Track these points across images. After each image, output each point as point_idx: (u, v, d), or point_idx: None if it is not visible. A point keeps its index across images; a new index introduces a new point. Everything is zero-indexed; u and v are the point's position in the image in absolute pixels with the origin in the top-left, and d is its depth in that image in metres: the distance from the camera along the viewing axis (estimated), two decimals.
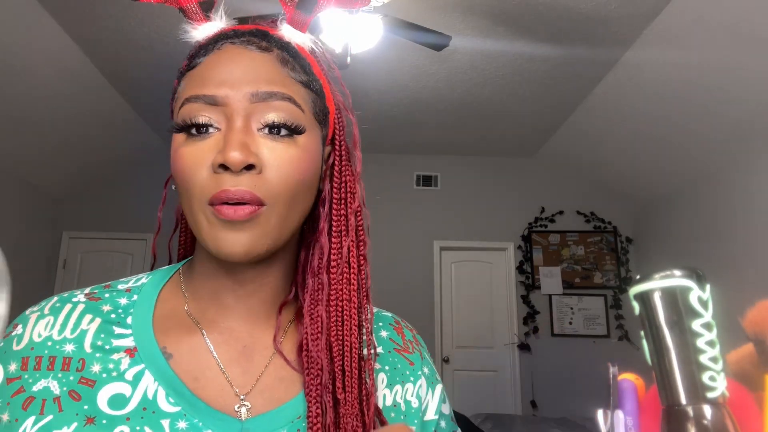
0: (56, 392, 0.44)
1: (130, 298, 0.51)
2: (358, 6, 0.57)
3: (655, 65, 3.38)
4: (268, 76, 0.47)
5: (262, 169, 0.45)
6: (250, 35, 0.49)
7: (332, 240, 0.52)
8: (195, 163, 0.45)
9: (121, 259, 4.98)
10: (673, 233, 4.48)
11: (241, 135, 0.44)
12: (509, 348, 4.97)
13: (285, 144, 0.46)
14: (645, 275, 0.34)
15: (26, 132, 4.00)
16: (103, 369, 0.46)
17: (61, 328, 0.48)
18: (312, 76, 0.51)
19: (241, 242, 0.44)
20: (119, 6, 3.11)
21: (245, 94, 0.45)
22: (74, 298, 0.50)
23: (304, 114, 0.48)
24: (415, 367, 0.57)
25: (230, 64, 0.47)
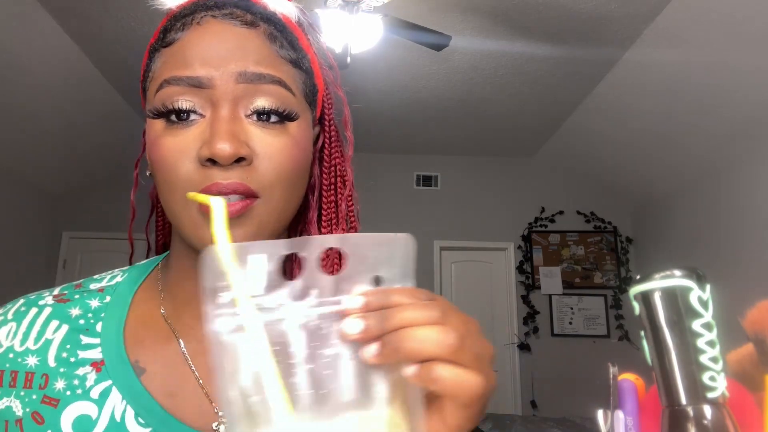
0: (18, 414, 0.40)
1: (102, 300, 0.47)
2: None
3: (655, 65, 3.38)
4: (256, 55, 0.42)
5: (253, 160, 0.41)
6: (234, 6, 0.43)
7: (322, 230, 0.48)
8: (178, 155, 0.40)
9: (121, 259, 4.96)
10: (673, 233, 4.47)
11: (229, 124, 0.40)
12: (509, 348, 4.97)
13: (276, 131, 0.42)
14: (645, 275, 0.34)
15: (26, 132, 4.00)
16: (67, 386, 0.41)
17: (23, 337, 0.43)
18: (301, 52, 0.46)
19: (237, 238, 0.39)
20: (119, 6, 3.11)
21: (231, 74, 0.41)
22: (41, 300, 0.46)
23: (295, 98, 0.44)
24: None
25: (214, 40, 0.41)
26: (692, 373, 0.32)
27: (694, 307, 0.33)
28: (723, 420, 0.31)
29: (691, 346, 0.32)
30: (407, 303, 0.31)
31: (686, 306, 0.33)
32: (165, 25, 0.44)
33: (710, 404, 0.32)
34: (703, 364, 0.32)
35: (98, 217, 5.07)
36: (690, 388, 0.32)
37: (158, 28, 0.45)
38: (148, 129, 0.43)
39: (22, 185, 4.53)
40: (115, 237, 5.04)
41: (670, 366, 0.33)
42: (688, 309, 0.33)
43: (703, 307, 0.33)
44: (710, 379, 0.32)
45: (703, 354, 0.32)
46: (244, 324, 0.29)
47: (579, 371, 4.70)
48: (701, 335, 0.32)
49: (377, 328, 0.30)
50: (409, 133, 4.90)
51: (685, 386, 0.32)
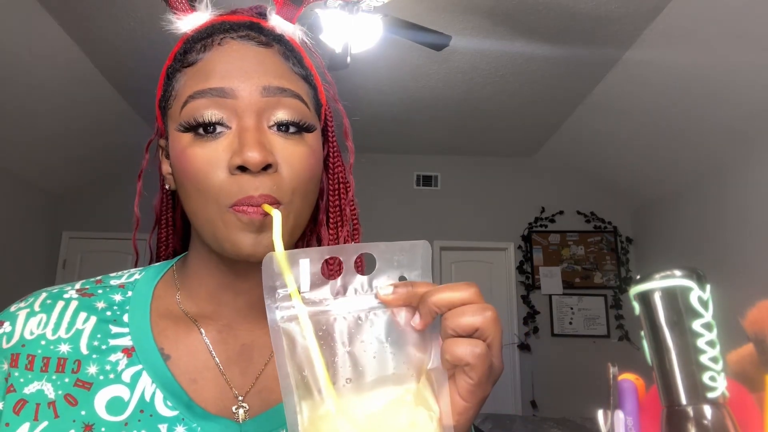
0: (51, 396, 0.42)
1: (125, 295, 0.50)
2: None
3: (656, 65, 3.38)
4: (276, 71, 0.46)
5: (278, 169, 0.44)
6: (248, 29, 0.47)
7: (330, 232, 0.52)
8: (209, 165, 0.43)
9: (121, 259, 4.98)
10: (673, 233, 4.48)
11: (256, 133, 0.43)
12: (509, 348, 4.97)
13: (295, 141, 0.45)
14: (645, 275, 0.34)
15: (26, 132, 4.00)
16: (100, 371, 0.44)
17: (55, 326, 0.46)
18: (307, 69, 0.50)
19: (263, 243, 0.43)
20: (119, 6, 3.11)
21: (257, 87, 0.44)
22: (65, 294, 0.48)
23: (310, 111, 0.48)
24: None
25: (236, 57, 0.45)
26: (692, 373, 0.32)
27: (694, 307, 0.33)
28: (723, 420, 0.31)
29: (691, 346, 0.32)
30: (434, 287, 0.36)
31: (686, 306, 0.33)
32: (183, 48, 0.48)
33: (710, 404, 0.32)
34: (703, 364, 0.32)
35: (98, 217, 5.07)
36: (690, 388, 0.32)
37: (174, 51, 0.49)
38: (174, 142, 0.46)
39: (22, 185, 4.53)
40: (115, 237, 5.05)
41: (670, 366, 0.33)
42: (688, 309, 0.33)
43: (703, 307, 0.33)
44: (710, 379, 0.32)
45: (703, 354, 0.32)
46: (297, 314, 0.35)
47: (579, 371, 4.70)
48: (701, 335, 0.32)
49: (406, 291, 0.36)
50: (409, 133, 4.90)
51: (685, 386, 0.32)
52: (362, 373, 0.35)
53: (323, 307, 0.36)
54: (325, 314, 0.36)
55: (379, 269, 0.37)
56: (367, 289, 0.37)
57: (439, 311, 0.35)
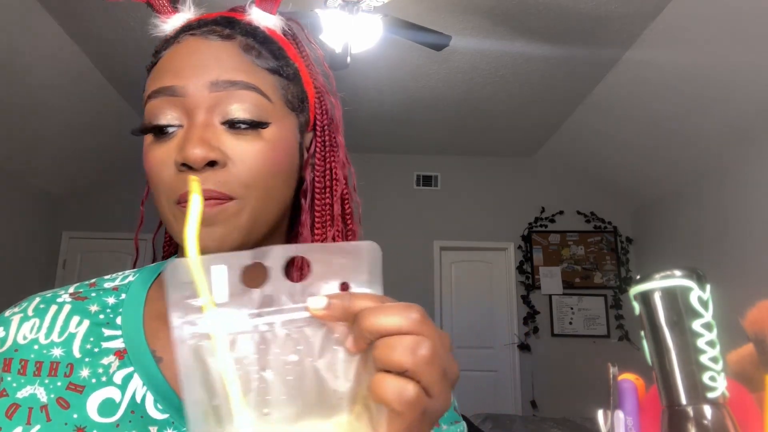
0: (43, 400, 0.43)
1: (118, 297, 0.50)
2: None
3: (656, 65, 3.38)
4: (229, 63, 0.44)
5: (227, 164, 0.43)
6: (214, 24, 0.47)
7: (315, 232, 0.49)
8: (160, 163, 0.44)
9: (121, 259, 4.98)
10: (673, 233, 4.48)
11: (201, 130, 0.43)
12: (509, 348, 4.97)
13: (249, 137, 0.44)
14: (645, 275, 0.34)
15: (26, 132, 4.00)
16: (92, 374, 0.44)
17: (48, 331, 0.46)
18: (284, 60, 0.48)
19: (212, 237, 0.43)
20: (119, 6, 3.11)
21: (204, 83, 0.43)
22: (59, 298, 0.48)
23: (272, 104, 0.46)
24: None
25: (188, 54, 0.45)
26: (692, 373, 0.32)
27: (694, 307, 0.33)
28: (723, 420, 0.31)
29: (691, 346, 0.32)
30: (373, 306, 0.31)
31: (686, 306, 0.33)
32: (156, 48, 0.48)
33: (710, 404, 0.32)
34: (703, 364, 0.32)
35: (98, 217, 5.07)
36: (690, 388, 0.32)
37: (152, 53, 0.49)
38: (144, 142, 0.47)
39: (22, 185, 4.53)
40: (115, 237, 5.05)
41: (670, 366, 0.33)
42: (688, 309, 0.33)
43: (703, 307, 0.33)
44: (710, 379, 0.32)
45: (703, 354, 0.32)
46: (209, 331, 0.30)
47: (579, 371, 4.70)
48: (701, 335, 0.32)
49: (341, 305, 0.30)
50: (409, 133, 4.90)
51: (685, 386, 0.32)
52: (285, 402, 0.30)
53: (242, 322, 0.30)
54: (245, 331, 0.30)
55: (316, 275, 0.32)
56: (299, 300, 0.31)
57: (370, 337, 0.30)
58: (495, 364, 4.95)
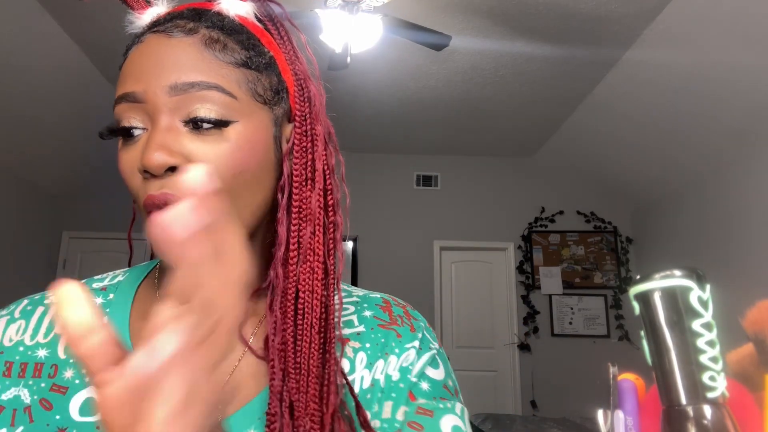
0: (27, 401, 0.43)
1: (106, 297, 0.49)
2: None
3: (655, 65, 3.38)
4: (188, 63, 0.42)
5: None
6: (179, 18, 0.45)
7: (292, 228, 0.46)
8: (129, 169, 0.43)
9: (120, 259, 4.98)
10: (673, 233, 4.48)
11: (161, 136, 0.41)
12: (509, 348, 4.97)
13: (213, 138, 0.42)
14: (645, 275, 0.34)
15: (26, 131, 4.01)
16: (75, 375, 0.44)
17: (33, 332, 0.46)
18: (255, 50, 0.46)
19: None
20: (119, 6, 3.10)
21: (163, 88, 0.42)
22: (46, 299, 0.48)
23: (237, 100, 0.43)
24: (403, 339, 0.52)
25: (148, 55, 0.43)
26: (692, 373, 0.32)
27: (694, 307, 0.33)
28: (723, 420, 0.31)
29: (691, 346, 0.32)
30: None
31: (686, 306, 0.33)
32: (127, 46, 0.47)
33: (710, 404, 0.32)
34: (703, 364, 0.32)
35: (98, 217, 5.07)
36: (690, 388, 0.32)
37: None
38: None
39: (22, 185, 4.53)
40: (115, 237, 5.05)
41: (670, 366, 0.33)
42: (688, 309, 0.33)
43: (703, 307, 0.33)
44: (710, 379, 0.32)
45: (703, 354, 0.32)
46: None
47: (579, 371, 4.70)
48: (701, 335, 0.32)
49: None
50: (409, 133, 4.90)
51: (685, 386, 0.32)
52: None
53: None
54: None
55: None
56: None
57: None
58: (495, 364, 4.95)
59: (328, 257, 0.46)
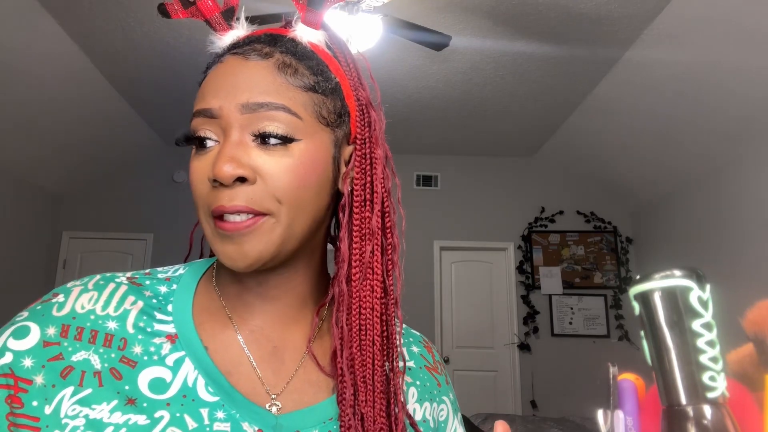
0: (97, 367, 0.45)
1: (170, 287, 0.52)
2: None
3: (656, 65, 3.38)
4: (260, 85, 0.46)
5: (257, 181, 0.45)
6: (256, 42, 0.49)
7: (353, 246, 0.50)
8: (198, 177, 0.47)
9: (121, 259, 4.98)
10: (673, 233, 4.48)
11: (232, 148, 0.45)
12: (509, 348, 4.97)
13: (278, 153, 0.46)
14: (645, 275, 0.34)
15: (26, 132, 4.01)
16: (144, 351, 0.46)
17: (105, 304, 0.48)
18: (323, 75, 0.50)
19: (242, 254, 0.45)
20: (119, 6, 3.11)
21: (236, 106, 0.45)
22: (117, 278, 0.51)
23: (302, 121, 0.47)
24: (441, 390, 0.58)
25: (225, 75, 0.47)
26: (692, 373, 0.32)
27: (694, 307, 0.33)
28: (723, 420, 0.31)
29: (691, 346, 0.32)
30: None
31: (686, 306, 0.33)
32: (207, 64, 0.51)
33: (710, 404, 0.32)
34: (703, 364, 0.32)
35: (98, 217, 5.07)
36: (690, 388, 0.32)
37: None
38: None
39: (22, 185, 4.53)
40: (115, 237, 5.05)
41: (670, 366, 0.33)
42: (688, 309, 0.33)
43: (703, 307, 0.33)
44: (710, 379, 0.32)
45: (703, 354, 0.32)
46: None
47: (579, 371, 4.70)
48: (701, 335, 0.32)
49: None
50: (409, 133, 4.90)
51: (685, 386, 0.32)
52: None
53: None
54: None
55: None
56: None
57: None
58: (495, 364, 4.95)
59: (387, 277, 0.50)
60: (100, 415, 0.42)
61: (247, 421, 0.45)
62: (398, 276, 0.51)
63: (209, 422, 0.44)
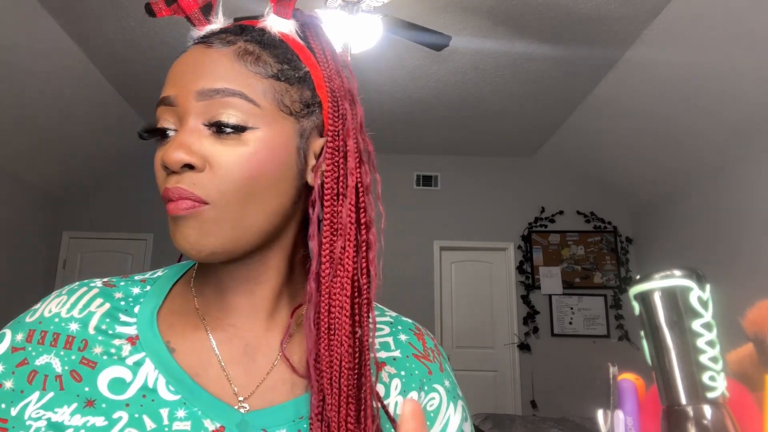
0: (58, 370, 0.45)
1: (143, 289, 0.52)
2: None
3: (655, 65, 3.38)
4: (217, 72, 0.45)
5: (206, 169, 0.44)
6: (224, 32, 0.48)
7: (323, 242, 0.47)
8: (156, 166, 0.47)
9: (121, 259, 4.98)
10: (673, 233, 4.48)
11: (186, 136, 0.44)
12: (509, 348, 4.97)
13: (232, 143, 0.45)
14: (645, 275, 0.34)
15: (26, 131, 4.00)
16: (104, 351, 0.46)
17: (70, 307, 0.48)
18: (290, 64, 0.48)
19: (187, 238, 0.44)
20: (119, 6, 3.11)
21: (192, 93, 0.45)
22: (92, 283, 0.52)
23: (260, 108, 0.46)
24: (433, 377, 0.55)
25: (186, 63, 0.47)
26: (692, 373, 0.32)
27: (694, 307, 0.33)
28: (723, 420, 0.31)
29: (691, 346, 0.32)
30: None
31: (686, 306, 0.33)
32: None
33: (710, 404, 0.32)
34: (703, 364, 0.32)
35: (98, 217, 5.07)
36: (690, 388, 0.32)
37: None
38: None
39: (22, 185, 4.53)
40: (115, 237, 5.05)
41: (670, 366, 0.33)
42: (687, 309, 0.33)
43: (703, 307, 0.33)
44: (710, 379, 0.32)
45: (703, 354, 0.32)
46: None
47: (579, 371, 4.70)
48: (701, 335, 0.32)
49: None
50: (409, 133, 4.90)
51: (685, 386, 0.32)
52: None
53: None
54: None
55: None
56: None
57: None
58: (495, 364, 4.95)
59: (360, 275, 0.47)
60: (62, 418, 0.43)
61: (209, 418, 0.44)
62: (374, 275, 0.48)
63: (168, 422, 0.43)
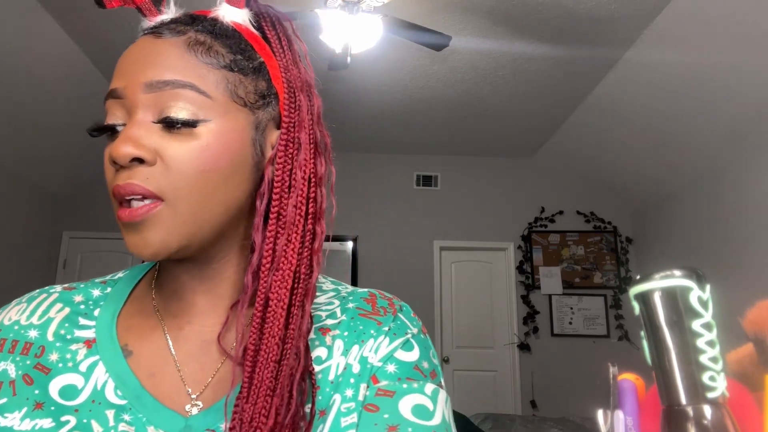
0: (12, 375, 0.45)
1: (104, 291, 0.52)
2: None
3: (656, 65, 3.38)
4: (166, 62, 0.44)
5: (158, 163, 0.43)
6: (175, 22, 0.47)
7: (268, 234, 0.46)
8: (106, 162, 0.45)
9: (121, 259, 4.98)
10: (673, 233, 4.48)
11: (133, 129, 0.43)
12: (509, 348, 4.97)
13: (183, 136, 0.43)
14: (645, 275, 0.34)
15: (26, 132, 4.00)
16: (60, 359, 0.46)
17: (30, 314, 0.49)
18: (243, 55, 0.47)
19: (145, 243, 0.43)
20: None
21: (139, 85, 0.43)
22: (52, 289, 0.51)
23: (212, 100, 0.44)
24: (383, 325, 0.50)
25: (134, 54, 0.45)
26: (692, 373, 0.32)
27: (694, 307, 0.33)
28: (723, 420, 0.31)
29: (691, 346, 0.32)
30: None
31: (686, 306, 0.33)
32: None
33: (710, 404, 0.32)
34: (703, 364, 0.32)
35: (98, 217, 5.07)
36: (690, 388, 0.32)
37: None
38: None
39: (22, 185, 4.53)
40: (115, 237, 5.04)
41: (670, 366, 0.33)
42: (688, 309, 0.33)
43: (703, 307, 0.33)
44: (710, 379, 0.32)
45: (703, 354, 0.32)
46: None
47: (579, 371, 4.70)
48: (701, 335, 0.32)
49: None
50: (409, 133, 4.90)
51: (685, 386, 0.32)
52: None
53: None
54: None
55: None
56: None
57: None
58: (495, 364, 4.95)
59: (301, 266, 0.45)
60: (12, 423, 0.43)
61: (153, 425, 0.44)
62: (315, 265, 0.46)
63: (114, 423, 0.43)
